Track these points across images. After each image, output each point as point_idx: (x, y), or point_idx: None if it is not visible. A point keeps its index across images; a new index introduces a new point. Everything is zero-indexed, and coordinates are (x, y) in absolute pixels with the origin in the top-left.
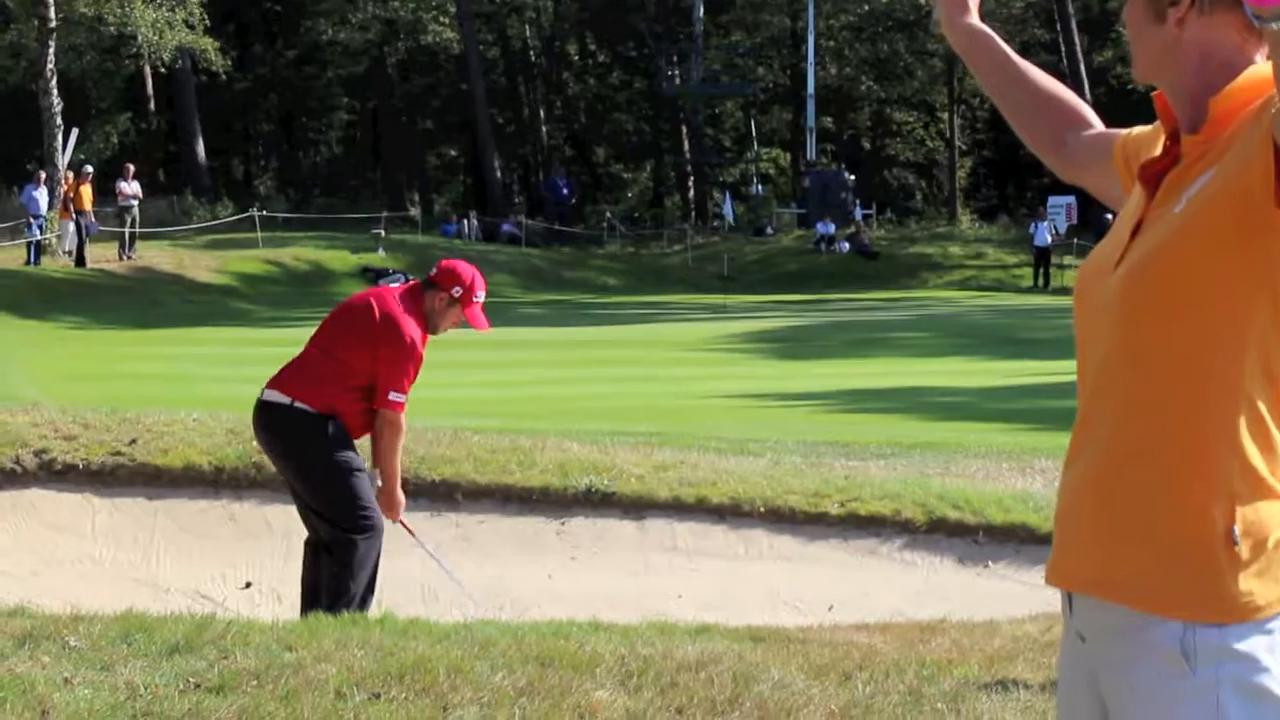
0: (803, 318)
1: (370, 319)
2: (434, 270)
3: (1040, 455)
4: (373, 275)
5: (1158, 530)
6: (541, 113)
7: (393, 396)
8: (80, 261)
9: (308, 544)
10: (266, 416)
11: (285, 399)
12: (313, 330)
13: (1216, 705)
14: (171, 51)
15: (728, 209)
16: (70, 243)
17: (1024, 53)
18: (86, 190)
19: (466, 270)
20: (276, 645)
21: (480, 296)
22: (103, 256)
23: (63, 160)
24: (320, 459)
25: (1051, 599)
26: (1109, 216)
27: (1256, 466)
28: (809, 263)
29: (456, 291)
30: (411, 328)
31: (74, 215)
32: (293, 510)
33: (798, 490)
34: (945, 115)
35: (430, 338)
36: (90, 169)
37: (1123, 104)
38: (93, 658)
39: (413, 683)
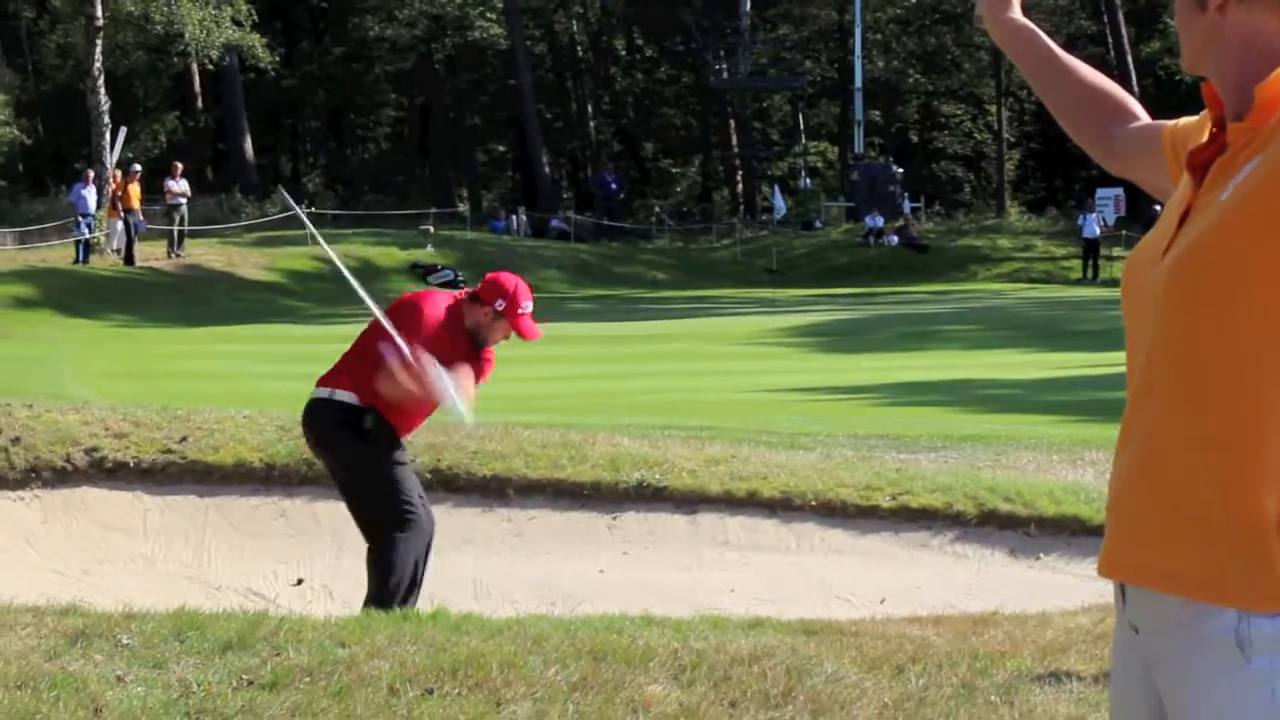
0: (852, 311)
1: (407, 301)
2: (479, 284)
3: (1091, 447)
4: (422, 271)
5: (1209, 519)
6: (589, 108)
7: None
8: (129, 260)
9: None
10: (309, 413)
11: (326, 392)
12: (362, 327)
13: (1272, 696)
14: (219, 49)
15: (778, 202)
16: (118, 241)
17: (1070, 45)
18: (135, 188)
19: (509, 281)
20: (329, 642)
21: (526, 307)
22: (151, 255)
23: (111, 159)
24: (356, 450)
25: (1104, 590)
26: (1157, 208)
27: None
28: (858, 256)
29: (500, 304)
30: (436, 305)
31: (122, 214)
32: (344, 507)
33: (849, 484)
34: (993, 108)
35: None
36: (139, 167)
37: (1171, 95)
38: (145, 655)
39: (465, 678)
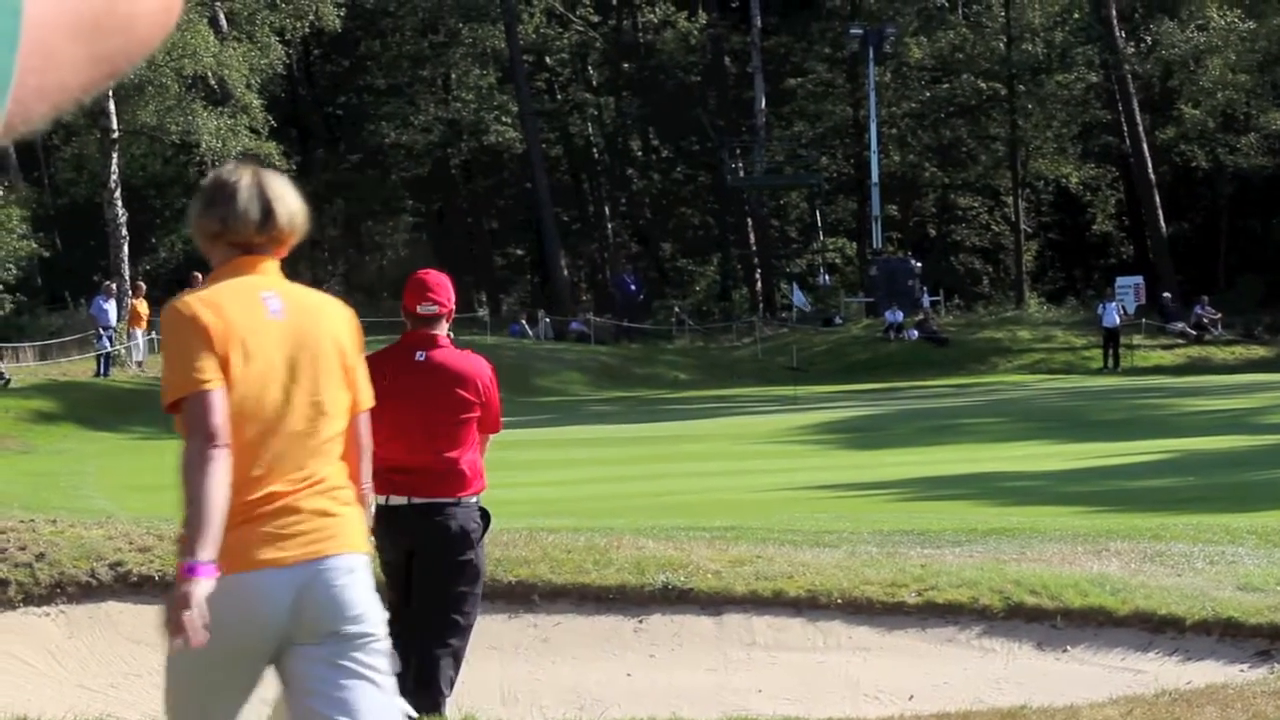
0: (874, 407)
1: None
2: (433, 305)
3: (1116, 537)
4: None
5: None
6: (606, 209)
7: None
8: None
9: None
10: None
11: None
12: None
13: None
14: (236, 157)
15: (798, 297)
16: (141, 353)
17: (1086, 134)
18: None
19: (445, 280)
20: None
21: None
22: None
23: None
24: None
25: (1132, 682)
26: (1166, 295)
27: None
28: (878, 351)
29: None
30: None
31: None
32: None
33: (874, 580)
34: (1009, 199)
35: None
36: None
37: (1187, 181)
38: None
39: None
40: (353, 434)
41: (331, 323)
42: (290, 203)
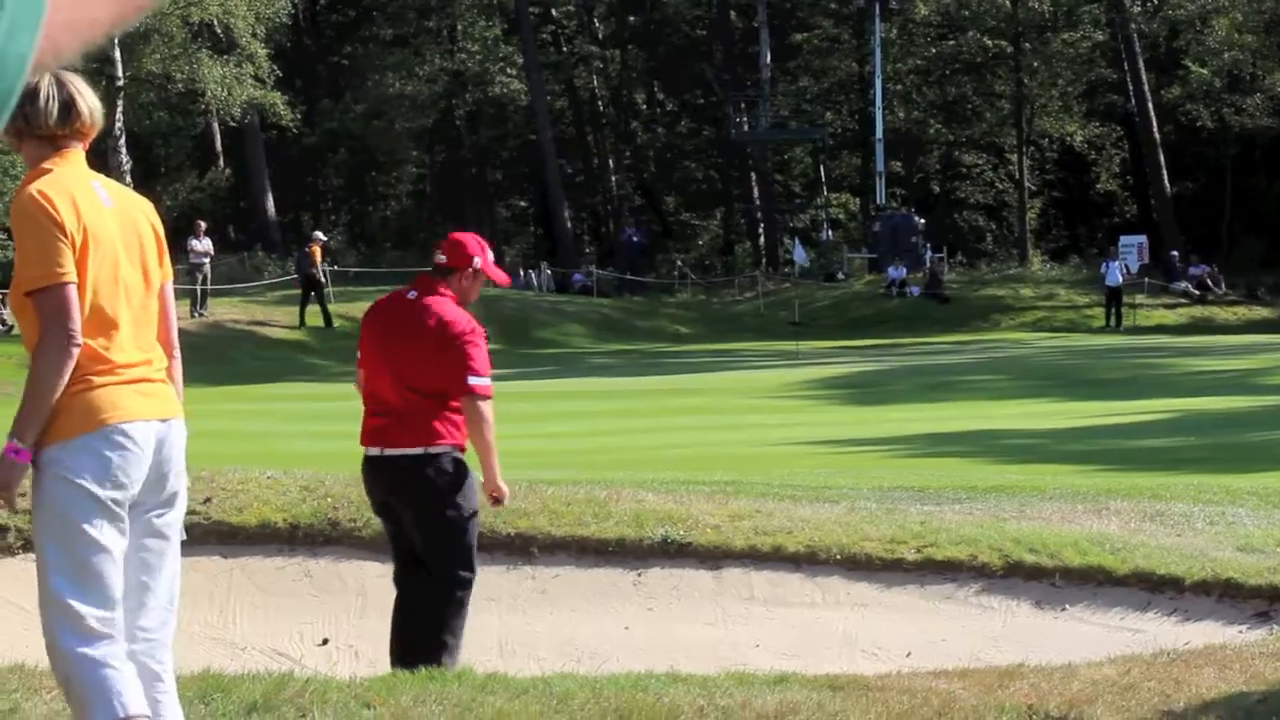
0: (875, 363)
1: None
2: (442, 255)
3: (1116, 496)
4: None
5: None
6: (611, 162)
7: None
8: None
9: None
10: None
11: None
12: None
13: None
14: (240, 107)
15: (798, 254)
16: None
17: (1091, 93)
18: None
19: (470, 240)
20: (355, 703)
21: (490, 254)
22: None
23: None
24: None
25: (1130, 641)
26: (1174, 254)
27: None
28: (880, 307)
29: (477, 263)
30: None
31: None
32: (369, 566)
33: (874, 537)
34: (1014, 157)
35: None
36: (322, 236)
37: (1192, 141)
38: None
39: None
40: (164, 302)
41: (143, 208)
42: (89, 98)
